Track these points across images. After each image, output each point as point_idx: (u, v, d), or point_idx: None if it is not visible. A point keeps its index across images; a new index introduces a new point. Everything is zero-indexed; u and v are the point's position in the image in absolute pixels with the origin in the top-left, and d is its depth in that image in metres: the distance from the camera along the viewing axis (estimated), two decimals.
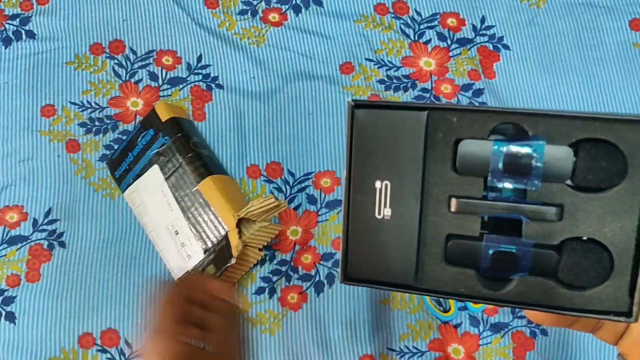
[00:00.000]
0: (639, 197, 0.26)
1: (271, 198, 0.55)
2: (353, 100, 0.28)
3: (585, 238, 0.27)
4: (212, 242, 0.58)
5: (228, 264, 0.57)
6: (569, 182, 0.27)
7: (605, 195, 0.27)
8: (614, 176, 0.27)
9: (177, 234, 0.58)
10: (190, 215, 0.58)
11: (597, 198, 0.27)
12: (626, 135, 0.26)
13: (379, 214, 0.29)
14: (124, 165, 0.62)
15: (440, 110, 0.28)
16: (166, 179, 0.60)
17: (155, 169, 0.61)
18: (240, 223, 0.57)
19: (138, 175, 0.62)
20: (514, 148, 0.27)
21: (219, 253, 0.57)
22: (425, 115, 0.28)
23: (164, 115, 0.63)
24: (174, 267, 0.59)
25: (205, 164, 0.61)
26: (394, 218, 0.29)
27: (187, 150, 0.61)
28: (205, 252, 0.57)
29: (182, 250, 0.58)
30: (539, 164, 0.26)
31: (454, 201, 0.28)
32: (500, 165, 0.27)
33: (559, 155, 0.27)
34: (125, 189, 0.62)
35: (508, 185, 0.27)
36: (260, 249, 0.61)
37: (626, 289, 0.27)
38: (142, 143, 0.62)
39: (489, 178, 0.27)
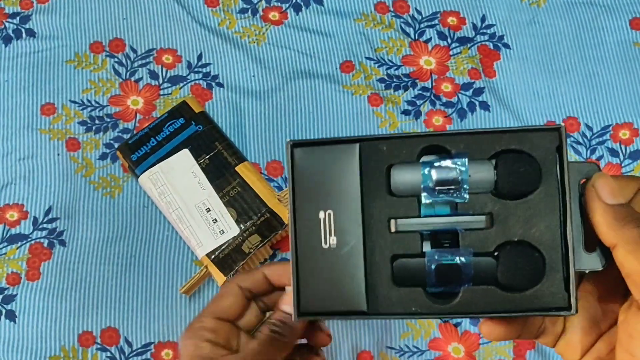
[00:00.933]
0: (556, 197, 0.29)
1: None
2: (291, 140, 0.30)
3: (516, 239, 0.29)
4: (251, 217, 0.60)
5: (278, 231, 0.60)
6: (494, 191, 0.30)
7: (528, 199, 0.29)
8: (532, 181, 0.29)
9: (208, 211, 0.61)
10: (226, 194, 0.61)
11: (522, 202, 0.29)
12: (537, 143, 0.29)
13: (325, 243, 0.30)
14: (144, 149, 0.63)
15: (370, 140, 0.30)
16: (198, 161, 0.63)
17: (185, 152, 0.63)
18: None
19: (162, 158, 0.63)
20: (440, 167, 0.29)
21: (263, 224, 0.60)
22: (358, 147, 0.30)
23: (196, 107, 0.66)
24: (204, 242, 0.60)
25: (239, 151, 0.65)
26: (339, 246, 0.30)
27: (223, 138, 0.64)
28: (241, 227, 0.60)
29: (214, 226, 0.60)
30: (464, 178, 0.29)
31: (392, 222, 0.30)
32: (430, 183, 0.29)
33: (481, 168, 0.29)
34: (143, 172, 0.63)
35: (439, 201, 0.29)
36: (271, 246, 0.62)
37: (561, 283, 0.29)
38: (169, 130, 0.64)
39: (422, 196, 0.29)
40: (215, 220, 0.60)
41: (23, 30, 0.71)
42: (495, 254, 0.29)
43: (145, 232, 0.64)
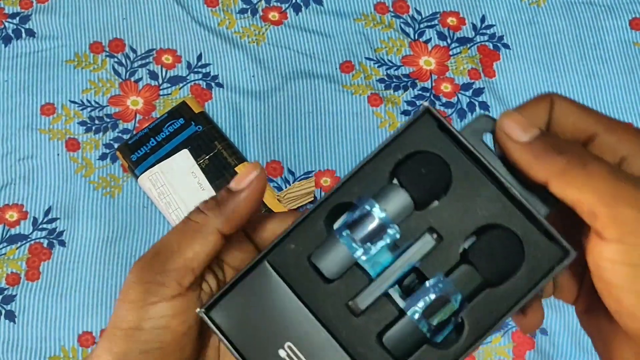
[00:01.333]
0: (475, 169, 0.27)
1: (312, 182, 0.58)
2: (200, 308, 0.27)
3: (473, 231, 0.27)
4: None
5: None
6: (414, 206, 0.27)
7: (451, 190, 0.27)
8: (442, 172, 0.27)
9: None
10: None
11: (448, 196, 0.27)
12: (421, 135, 0.27)
13: None
14: (143, 150, 0.63)
15: (275, 251, 0.27)
16: (198, 161, 0.63)
17: (184, 152, 0.63)
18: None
19: (162, 159, 0.63)
20: (354, 223, 0.26)
21: None
22: (268, 266, 0.27)
23: (196, 108, 0.66)
24: None
25: (239, 151, 0.65)
26: None
27: (223, 138, 0.64)
28: None
29: None
30: (382, 216, 0.26)
31: (352, 304, 0.26)
32: (356, 245, 0.26)
33: (391, 196, 0.26)
34: (143, 172, 0.63)
35: (376, 251, 0.26)
36: None
37: (542, 239, 0.26)
38: (169, 130, 0.64)
39: (359, 260, 0.26)
40: None
41: (23, 30, 0.71)
42: (467, 257, 0.27)
43: (145, 232, 0.64)
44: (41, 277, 0.63)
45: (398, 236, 0.26)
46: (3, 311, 0.62)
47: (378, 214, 0.26)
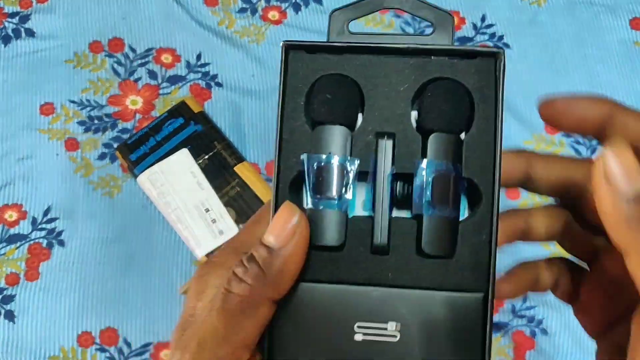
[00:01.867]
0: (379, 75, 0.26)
1: None
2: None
3: (411, 102, 0.26)
4: (250, 217, 0.59)
5: None
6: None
7: (367, 102, 0.26)
8: (353, 92, 0.26)
9: (207, 211, 0.60)
10: (225, 194, 0.61)
11: (370, 107, 0.26)
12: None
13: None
14: (143, 149, 0.63)
15: None
16: (198, 161, 0.63)
17: (184, 152, 0.63)
18: None
19: (161, 158, 0.63)
20: (318, 185, 0.25)
21: None
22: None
23: (195, 107, 0.65)
24: (203, 242, 0.60)
25: (239, 151, 0.65)
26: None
27: (222, 138, 0.64)
28: (240, 227, 0.60)
29: (213, 226, 0.60)
30: (333, 160, 0.25)
31: (374, 246, 0.26)
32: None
33: (324, 138, 0.26)
34: (142, 172, 0.62)
35: (353, 191, 0.26)
36: None
37: (469, 64, 0.26)
38: (169, 129, 0.64)
39: (349, 212, 0.26)
40: (214, 221, 0.60)
41: (22, 30, 0.71)
42: (420, 126, 0.26)
43: (145, 232, 0.64)
44: (40, 277, 0.63)
45: (358, 163, 0.26)
46: (2, 311, 0.62)
47: (330, 160, 0.25)
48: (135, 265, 0.63)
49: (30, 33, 0.71)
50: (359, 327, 0.25)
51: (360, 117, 0.26)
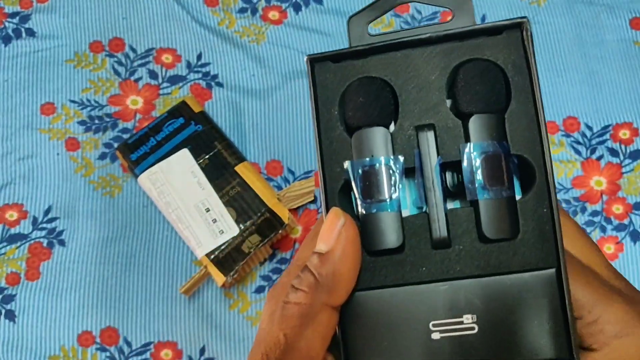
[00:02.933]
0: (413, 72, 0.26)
1: (311, 181, 0.59)
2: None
3: (443, 88, 0.26)
4: (251, 217, 0.60)
5: (278, 231, 0.60)
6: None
7: (402, 100, 0.26)
8: (387, 94, 0.26)
9: (208, 211, 0.61)
10: (226, 194, 0.61)
11: (405, 105, 0.26)
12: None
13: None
14: (143, 149, 0.63)
15: None
16: (198, 161, 0.63)
17: (184, 152, 0.63)
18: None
19: (162, 158, 0.63)
20: (366, 189, 0.25)
21: (263, 224, 0.60)
22: (356, 295, 0.25)
23: (196, 107, 0.66)
24: (203, 242, 0.60)
25: (239, 151, 0.65)
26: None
27: (223, 137, 0.64)
28: (241, 227, 0.60)
29: (213, 226, 0.60)
30: (378, 162, 0.25)
31: (436, 242, 0.26)
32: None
33: (364, 142, 0.25)
34: (142, 172, 0.63)
35: (403, 191, 0.26)
36: (270, 245, 0.62)
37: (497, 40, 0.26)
38: (169, 129, 0.64)
39: (402, 212, 0.26)
40: (214, 220, 0.60)
41: (23, 30, 0.71)
42: (458, 109, 0.25)
43: (145, 232, 0.64)
44: (41, 276, 0.63)
45: (402, 160, 0.25)
46: (3, 311, 0.62)
47: (375, 163, 0.25)
48: (136, 265, 0.63)
49: (31, 33, 0.71)
50: (434, 325, 0.24)
51: (396, 114, 0.26)
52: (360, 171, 0.25)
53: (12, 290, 0.62)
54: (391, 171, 0.25)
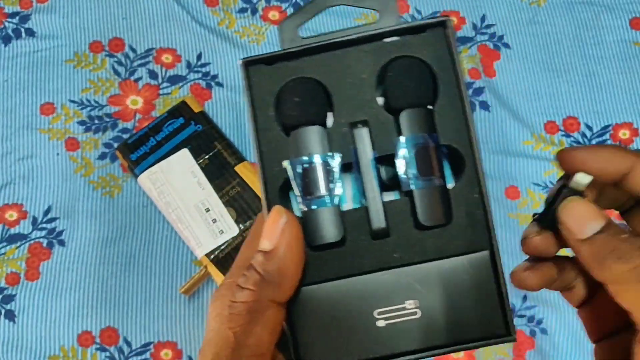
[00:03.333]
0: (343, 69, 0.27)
1: None
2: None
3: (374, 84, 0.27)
4: (251, 217, 0.61)
5: None
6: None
7: (335, 100, 0.27)
8: (319, 92, 0.27)
9: (207, 211, 0.61)
10: (226, 194, 0.61)
11: (339, 102, 0.27)
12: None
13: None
14: (143, 149, 0.63)
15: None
16: (198, 161, 0.63)
17: (184, 152, 0.63)
18: None
19: (162, 158, 0.63)
20: (306, 187, 0.26)
21: None
22: (302, 290, 0.26)
23: (195, 107, 0.66)
24: (203, 242, 0.60)
25: (239, 151, 0.65)
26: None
27: (223, 138, 0.64)
28: (241, 227, 0.60)
29: (213, 226, 0.60)
30: (315, 159, 0.26)
31: (375, 232, 0.26)
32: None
33: (301, 140, 0.26)
34: (142, 172, 0.63)
35: (342, 185, 0.26)
36: None
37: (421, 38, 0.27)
38: (169, 129, 0.64)
39: (341, 206, 0.27)
40: (214, 220, 0.60)
41: (22, 30, 0.71)
42: (388, 105, 0.26)
43: (145, 232, 0.64)
44: (41, 276, 0.63)
45: (339, 157, 0.26)
46: (3, 311, 0.62)
47: (312, 160, 0.26)
48: (136, 265, 0.63)
49: (31, 33, 0.71)
50: (379, 313, 0.25)
51: (330, 113, 0.27)
52: (299, 169, 0.26)
53: (12, 291, 0.62)
54: (329, 167, 0.26)
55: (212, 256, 0.59)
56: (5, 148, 0.67)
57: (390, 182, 0.27)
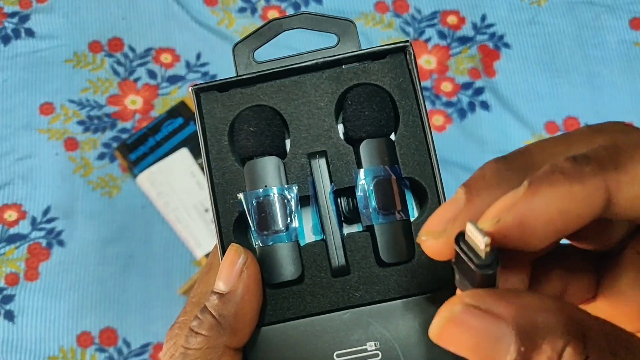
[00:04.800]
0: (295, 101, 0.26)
1: None
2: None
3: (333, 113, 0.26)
4: None
5: None
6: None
7: (292, 126, 0.26)
8: (274, 119, 0.26)
9: (207, 211, 0.61)
10: None
11: (295, 129, 0.26)
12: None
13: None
14: (142, 149, 0.63)
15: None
16: (197, 161, 0.63)
17: (183, 151, 0.63)
18: None
19: (161, 158, 0.63)
20: (261, 221, 0.25)
21: None
22: (260, 331, 0.25)
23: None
24: (202, 243, 0.60)
25: None
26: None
27: None
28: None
29: (212, 227, 0.60)
30: (272, 192, 0.25)
31: (335, 270, 0.25)
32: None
33: (256, 172, 0.25)
34: (141, 172, 0.63)
35: (299, 219, 0.25)
36: None
37: (380, 65, 0.26)
38: (168, 129, 0.64)
39: (300, 241, 0.26)
40: (213, 221, 0.60)
41: (22, 30, 0.71)
42: (348, 136, 0.25)
43: (144, 232, 0.64)
44: (40, 277, 0.62)
45: (296, 189, 0.25)
46: (2, 311, 0.61)
47: (269, 193, 0.25)
48: (135, 266, 0.63)
49: (30, 33, 0.71)
50: (338, 355, 0.24)
51: (288, 142, 0.26)
52: (254, 203, 0.25)
53: (11, 291, 0.62)
54: (286, 201, 0.25)
55: None
56: (4, 148, 0.67)
57: (351, 215, 0.25)
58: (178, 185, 0.62)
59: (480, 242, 0.16)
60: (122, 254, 0.63)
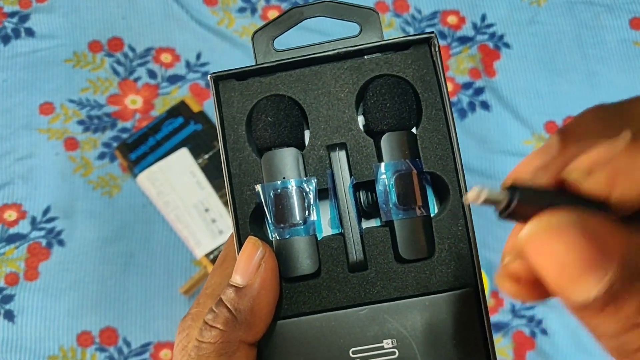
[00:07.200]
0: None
1: None
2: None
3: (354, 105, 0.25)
4: None
5: None
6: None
7: (311, 117, 0.25)
8: (294, 110, 0.25)
9: (207, 211, 0.61)
10: (225, 194, 0.61)
11: (314, 120, 0.25)
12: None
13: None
14: (142, 149, 0.63)
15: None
16: (197, 161, 0.63)
17: (183, 151, 0.63)
18: None
19: (161, 157, 0.63)
20: (279, 213, 0.24)
21: None
22: (278, 323, 0.24)
23: (195, 107, 0.66)
24: (203, 242, 0.60)
25: None
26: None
27: None
28: None
29: (212, 226, 0.60)
30: (290, 184, 0.24)
31: (352, 265, 0.25)
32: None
33: (274, 164, 0.24)
34: (142, 171, 0.63)
35: (317, 212, 0.25)
36: None
37: (403, 57, 0.25)
38: (169, 129, 0.64)
39: (317, 235, 0.25)
40: (214, 220, 0.60)
41: (22, 30, 0.71)
42: (369, 128, 0.25)
43: (144, 232, 0.64)
44: (40, 276, 0.62)
45: (315, 181, 0.25)
46: (2, 311, 0.61)
47: (285, 186, 0.24)
48: (135, 265, 0.63)
49: (30, 33, 0.71)
50: (354, 352, 0.24)
51: (307, 133, 0.25)
52: (272, 195, 0.24)
53: (11, 290, 0.62)
54: (304, 193, 0.24)
55: (211, 256, 0.59)
56: (4, 148, 0.67)
57: (370, 209, 0.25)
58: (178, 185, 0.62)
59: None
60: (122, 253, 0.63)
